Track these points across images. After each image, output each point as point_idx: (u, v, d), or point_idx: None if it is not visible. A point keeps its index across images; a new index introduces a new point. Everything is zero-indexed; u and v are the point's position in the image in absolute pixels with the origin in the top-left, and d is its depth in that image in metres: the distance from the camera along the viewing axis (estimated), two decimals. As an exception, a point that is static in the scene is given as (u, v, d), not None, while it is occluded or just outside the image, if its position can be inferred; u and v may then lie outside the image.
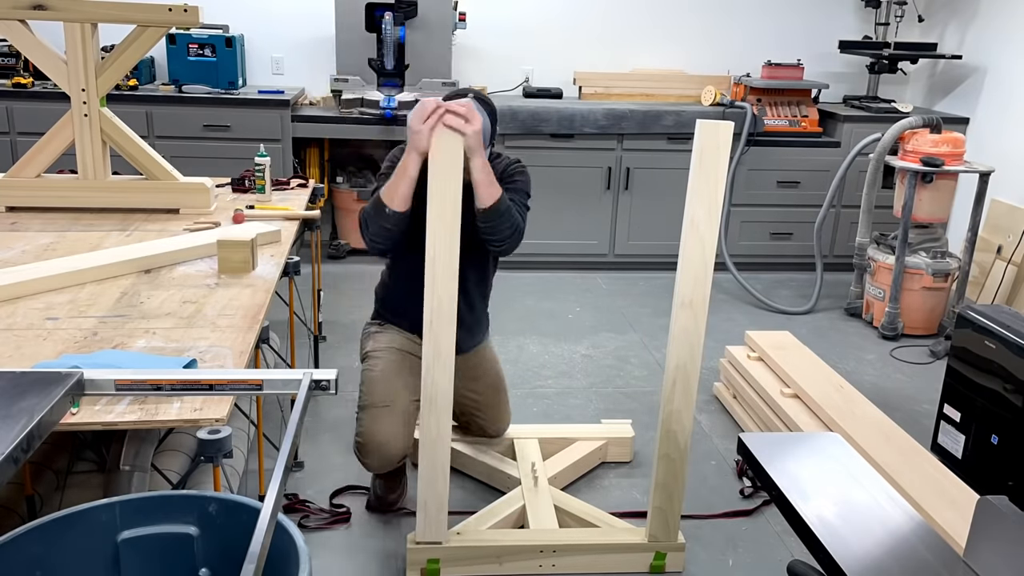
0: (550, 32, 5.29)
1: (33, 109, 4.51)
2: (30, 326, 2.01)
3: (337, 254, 5.12)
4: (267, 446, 2.65)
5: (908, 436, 2.85)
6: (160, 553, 1.43)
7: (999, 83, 4.85)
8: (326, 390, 1.48)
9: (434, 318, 2.16)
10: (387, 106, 4.62)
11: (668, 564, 2.46)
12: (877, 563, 1.27)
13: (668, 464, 2.38)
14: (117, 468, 1.93)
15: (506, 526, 2.54)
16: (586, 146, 4.83)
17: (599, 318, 4.40)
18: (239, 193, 3.31)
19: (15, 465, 1.18)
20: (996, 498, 1.27)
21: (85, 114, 2.86)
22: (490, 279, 2.74)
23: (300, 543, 1.31)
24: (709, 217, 2.18)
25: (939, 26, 5.36)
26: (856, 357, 4.07)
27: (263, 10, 5.10)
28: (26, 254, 2.51)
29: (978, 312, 2.94)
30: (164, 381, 1.46)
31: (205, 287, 2.31)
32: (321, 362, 3.61)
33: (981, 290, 4.56)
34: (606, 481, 2.93)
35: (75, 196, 2.95)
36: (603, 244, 5.03)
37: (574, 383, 3.65)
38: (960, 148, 4.19)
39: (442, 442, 2.26)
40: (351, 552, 2.50)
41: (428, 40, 4.87)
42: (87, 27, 2.78)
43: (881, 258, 4.37)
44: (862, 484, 1.49)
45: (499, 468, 2.81)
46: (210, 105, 4.67)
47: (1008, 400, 2.76)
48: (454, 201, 2.10)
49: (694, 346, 2.28)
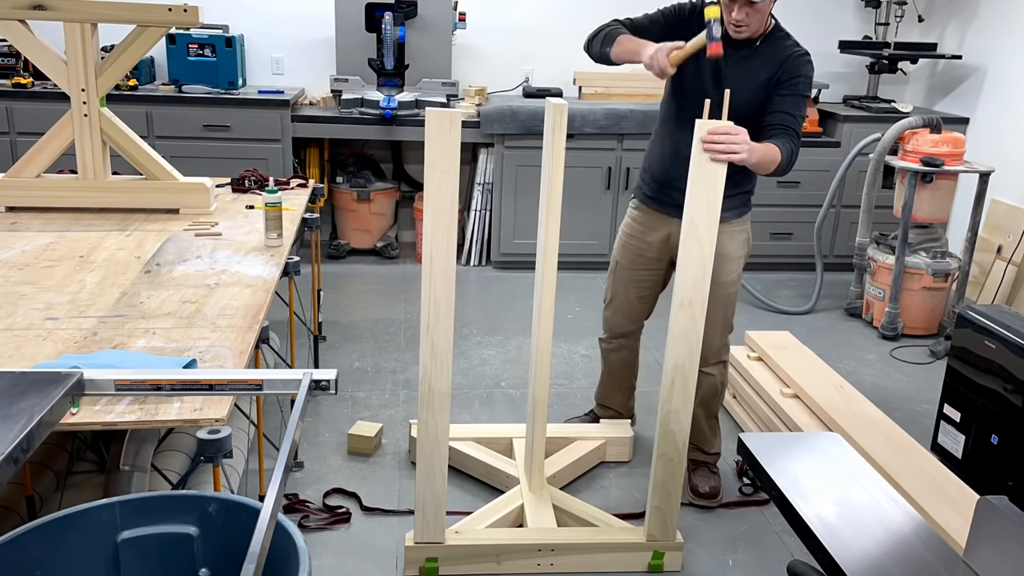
0: (550, 32, 5.29)
1: (33, 109, 4.51)
2: (30, 326, 2.01)
3: (337, 254, 5.13)
4: (267, 446, 2.65)
5: (908, 436, 2.85)
6: (160, 553, 1.43)
7: (999, 83, 4.85)
8: (326, 390, 1.48)
9: (431, 319, 2.16)
10: (387, 106, 4.62)
11: (666, 563, 2.46)
12: (877, 563, 1.27)
13: (666, 463, 2.38)
14: (117, 468, 1.93)
15: (504, 525, 2.55)
16: (586, 146, 4.83)
17: (599, 318, 4.38)
18: (239, 193, 3.31)
19: (15, 465, 1.18)
20: (996, 498, 1.27)
21: (85, 114, 2.86)
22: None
23: (300, 543, 1.31)
24: (708, 218, 2.18)
25: (939, 26, 5.36)
26: (856, 357, 4.07)
27: (263, 10, 5.10)
28: (26, 254, 2.51)
29: (978, 312, 2.94)
30: (164, 381, 1.46)
31: (205, 287, 2.31)
32: (321, 362, 3.61)
33: (981, 290, 4.56)
34: (605, 481, 2.94)
35: (75, 196, 2.95)
36: (603, 244, 5.03)
37: (574, 383, 3.65)
38: (960, 148, 4.19)
39: (440, 442, 2.27)
40: (351, 552, 2.50)
41: (428, 40, 4.88)
42: (87, 27, 2.78)
43: (881, 258, 4.37)
44: (862, 484, 1.49)
45: (497, 467, 2.81)
46: (210, 105, 4.67)
47: (1008, 400, 2.76)
48: (451, 201, 2.10)
49: (693, 346, 2.29)
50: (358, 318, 4.23)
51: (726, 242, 2.58)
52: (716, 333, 2.70)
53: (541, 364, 2.59)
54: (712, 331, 2.60)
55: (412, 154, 5.35)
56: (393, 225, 5.27)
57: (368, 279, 4.86)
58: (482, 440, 2.94)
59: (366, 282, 4.81)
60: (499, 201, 4.91)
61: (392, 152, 5.36)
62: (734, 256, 2.68)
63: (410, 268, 5.00)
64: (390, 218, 5.23)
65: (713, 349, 2.71)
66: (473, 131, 4.78)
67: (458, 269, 4.89)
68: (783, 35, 2.57)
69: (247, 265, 2.49)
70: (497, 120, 4.76)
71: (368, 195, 5.02)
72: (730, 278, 2.69)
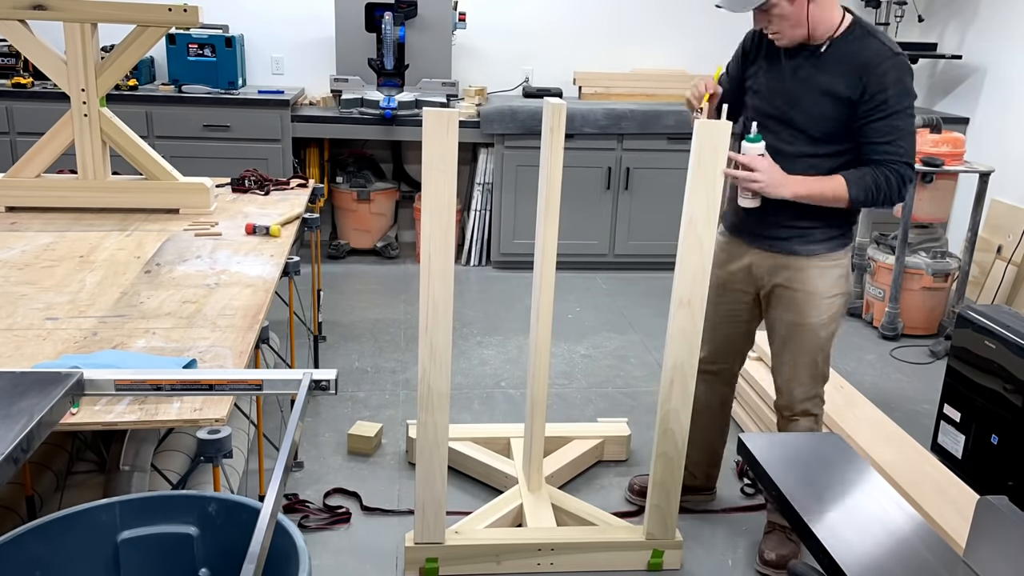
0: (550, 32, 5.29)
1: (33, 109, 4.51)
2: (30, 326, 2.01)
3: (337, 254, 5.13)
4: (267, 446, 2.65)
5: (908, 436, 2.85)
6: (160, 553, 1.43)
7: (999, 83, 4.85)
8: (326, 390, 1.48)
9: (430, 320, 2.16)
10: (387, 106, 4.62)
11: (666, 562, 2.46)
12: (877, 563, 1.27)
13: (666, 463, 2.38)
14: (117, 468, 1.93)
15: (504, 525, 2.55)
16: (586, 146, 4.83)
17: (599, 318, 4.40)
18: (239, 193, 3.31)
19: (15, 465, 1.18)
20: (996, 498, 1.27)
21: (85, 114, 2.86)
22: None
23: (300, 543, 1.31)
24: (707, 217, 2.18)
25: (939, 26, 5.36)
26: (856, 357, 4.07)
27: (263, 10, 5.10)
28: (26, 254, 2.51)
29: (978, 312, 2.94)
30: (164, 381, 1.46)
31: (205, 287, 2.31)
32: (321, 362, 3.61)
33: (981, 290, 4.56)
34: (604, 480, 2.94)
35: (75, 196, 2.95)
36: (603, 244, 5.04)
37: (574, 383, 3.65)
38: (960, 148, 4.18)
39: (440, 442, 2.27)
40: (351, 552, 2.50)
41: (428, 40, 4.88)
42: (87, 27, 2.78)
43: (881, 258, 4.37)
44: (862, 484, 1.49)
45: (496, 467, 2.81)
46: (210, 105, 4.67)
47: (1008, 400, 2.76)
48: (449, 201, 2.10)
49: (692, 345, 2.29)
50: (358, 318, 4.23)
51: (815, 277, 2.31)
52: (800, 380, 2.40)
53: (540, 364, 2.59)
54: (795, 377, 2.39)
55: (412, 154, 5.35)
56: (393, 225, 5.27)
57: (368, 279, 4.86)
58: (479, 440, 2.94)
59: (366, 282, 4.81)
60: (499, 201, 4.91)
61: (392, 152, 5.36)
62: (825, 295, 2.32)
63: (410, 268, 5.00)
64: (390, 218, 5.23)
65: (795, 398, 2.42)
66: (473, 131, 4.78)
67: (458, 269, 4.90)
68: (861, 34, 2.17)
69: (247, 265, 2.49)
70: (497, 120, 4.76)
71: (368, 195, 5.02)
72: (820, 319, 2.33)
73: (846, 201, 2.18)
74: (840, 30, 2.18)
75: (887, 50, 2.13)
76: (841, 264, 2.35)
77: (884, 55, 2.12)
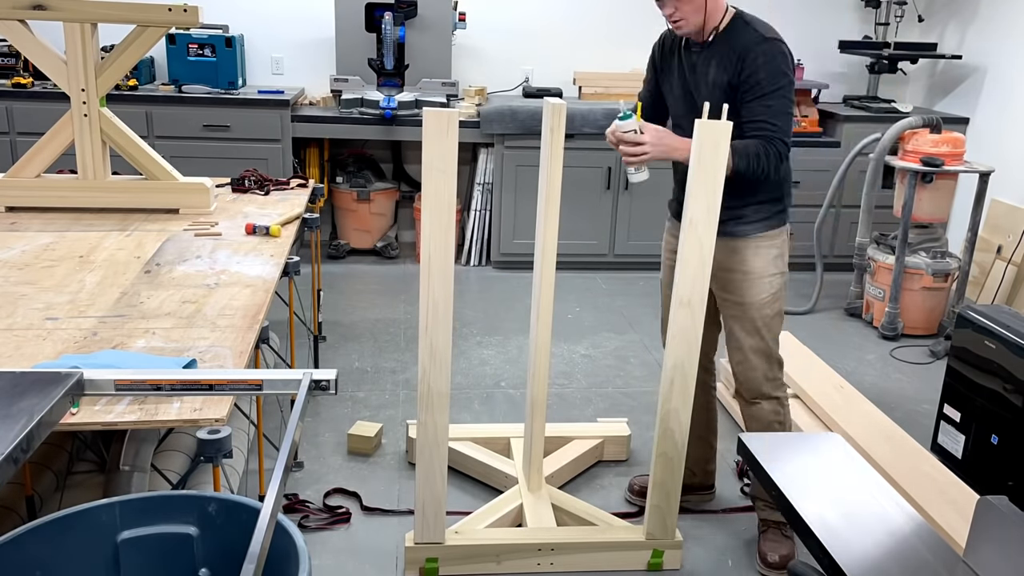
0: (550, 32, 5.29)
1: (33, 109, 4.51)
2: (30, 326, 2.01)
3: (337, 254, 5.13)
4: (267, 446, 2.65)
5: (908, 436, 2.85)
6: (160, 553, 1.43)
7: (999, 83, 4.85)
8: (326, 390, 1.48)
9: (430, 320, 2.16)
10: (387, 106, 4.62)
11: (665, 561, 2.46)
12: (877, 563, 1.27)
13: (665, 462, 2.38)
14: (117, 468, 1.93)
15: (504, 525, 2.55)
16: (586, 146, 4.83)
17: (599, 318, 4.40)
18: (239, 193, 3.31)
19: (15, 465, 1.18)
20: (996, 498, 1.27)
21: (85, 114, 2.86)
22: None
23: (300, 543, 1.31)
24: (708, 217, 2.18)
25: (939, 26, 5.36)
26: (856, 357, 4.07)
27: (263, 10, 5.10)
28: (26, 254, 2.51)
29: (978, 312, 2.94)
30: (164, 381, 1.46)
31: (205, 287, 2.31)
32: (321, 362, 3.61)
33: (981, 290, 4.56)
34: (604, 480, 2.94)
35: (75, 196, 2.95)
36: (603, 244, 5.04)
37: (574, 383, 3.65)
38: (960, 148, 4.19)
39: (440, 442, 2.27)
40: (351, 552, 2.50)
41: (428, 40, 4.88)
42: (87, 27, 2.78)
43: (881, 258, 4.37)
44: (862, 484, 1.49)
45: (496, 467, 2.81)
46: (210, 105, 4.67)
47: (1008, 400, 2.76)
48: (449, 201, 2.10)
49: (692, 345, 2.29)
50: (358, 318, 4.23)
51: (750, 258, 2.37)
52: (752, 363, 2.43)
53: (539, 364, 2.59)
54: (746, 360, 2.42)
55: (412, 154, 5.35)
56: (393, 225, 5.27)
57: (368, 279, 4.86)
58: (479, 440, 2.94)
59: (366, 282, 4.81)
60: (499, 201, 4.91)
61: (392, 152, 5.36)
62: (763, 274, 2.38)
63: (410, 268, 5.00)
64: (390, 218, 5.23)
65: (751, 381, 2.44)
66: (473, 131, 4.78)
67: (458, 269, 4.90)
68: (740, 25, 2.28)
69: (247, 265, 2.49)
70: (497, 120, 4.76)
71: (368, 195, 5.02)
72: (760, 298, 2.39)
73: (730, 168, 2.21)
74: (724, 23, 2.29)
75: (759, 36, 2.24)
76: (776, 244, 2.43)
77: (756, 40, 2.23)
